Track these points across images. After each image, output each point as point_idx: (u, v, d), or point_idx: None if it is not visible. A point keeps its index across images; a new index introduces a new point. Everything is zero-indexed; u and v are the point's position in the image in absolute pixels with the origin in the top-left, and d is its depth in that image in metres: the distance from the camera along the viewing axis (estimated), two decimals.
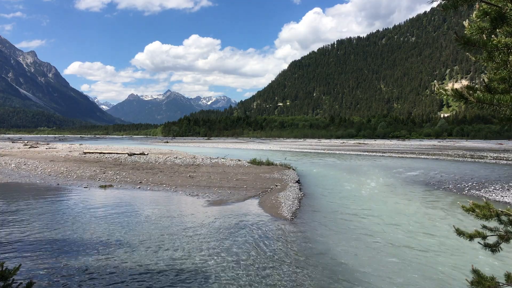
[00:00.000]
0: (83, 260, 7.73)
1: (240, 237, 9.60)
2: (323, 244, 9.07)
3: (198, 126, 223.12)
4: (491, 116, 7.40)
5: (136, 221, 11.19)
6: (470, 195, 16.37)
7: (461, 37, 2.71)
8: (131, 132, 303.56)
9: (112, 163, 26.91)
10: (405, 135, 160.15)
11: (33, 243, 8.84)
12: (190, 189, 16.95)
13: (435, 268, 7.48)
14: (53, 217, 11.46)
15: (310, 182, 20.45)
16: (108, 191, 16.60)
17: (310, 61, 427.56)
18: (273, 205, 13.52)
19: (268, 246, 8.88)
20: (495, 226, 3.43)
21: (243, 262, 7.72)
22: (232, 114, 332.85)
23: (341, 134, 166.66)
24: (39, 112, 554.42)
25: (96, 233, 9.75)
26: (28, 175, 21.28)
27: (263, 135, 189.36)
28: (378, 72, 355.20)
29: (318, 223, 11.23)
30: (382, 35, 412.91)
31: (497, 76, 3.01)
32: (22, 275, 6.74)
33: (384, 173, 24.70)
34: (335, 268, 7.50)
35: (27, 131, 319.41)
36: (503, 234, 3.38)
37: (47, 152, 37.87)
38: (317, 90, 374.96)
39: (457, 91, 2.75)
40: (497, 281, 3.19)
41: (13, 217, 11.33)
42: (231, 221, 11.19)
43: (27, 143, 65.27)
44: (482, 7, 2.72)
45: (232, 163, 27.20)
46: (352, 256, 8.18)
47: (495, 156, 41.30)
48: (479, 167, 28.95)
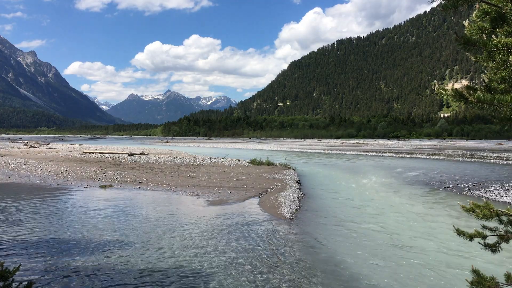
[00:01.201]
0: (83, 260, 7.73)
1: (240, 237, 9.60)
2: (323, 244, 9.08)
3: (198, 126, 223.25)
4: (491, 116, 7.44)
5: (136, 221, 11.19)
6: (470, 195, 16.37)
7: (461, 37, 2.71)
8: (131, 132, 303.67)
9: (112, 163, 26.91)
10: (405, 135, 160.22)
11: (33, 243, 8.84)
12: (190, 189, 16.95)
13: (435, 268, 7.48)
14: (53, 217, 11.46)
15: (310, 182, 20.45)
16: (108, 191, 16.60)
17: (310, 61, 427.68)
18: (273, 205, 13.52)
19: (268, 246, 8.88)
20: (495, 226, 3.43)
21: (243, 262, 7.72)
22: (232, 114, 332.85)
23: (341, 134, 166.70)
24: (39, 112, 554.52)
25: (96, 233, 9.75)
26: (28, 175, 21.28)
27: (263, 135, 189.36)
28: (378, 72, 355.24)
29: (318, 223, 11.24)
30: (382, 35, 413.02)
31: (497, 76, 3.01)
32: (22, 275, 6.74)
33: (384, 173, 24.70)
34: (335, 268, 7.51)
35: (27, 131, 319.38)
36: (503, 234, 3.38)
37: (47, 152, 37.87)
38: (317, 90, 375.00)
39: (457, 91, 2.74)
40: (497, 281, 3.19)
41: (13, 217, 11.33)
42: (231, 221, 11.19)
43: (27, 143, 65.29)
44: (482, 7, 2.72)
45: (232, 163, 27.21)
46: (352, 256, 8.18)
47: (495, 156, 41.30)
48: (479, 167, 28.95)
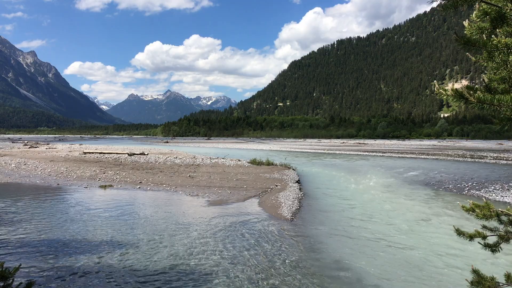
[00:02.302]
0: (83, 260, 7.73)
1: (240, 237, 9.60)
2: (323, 244, 9.07)
3: (198, 126, 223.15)
4: (491, 116, 7.43)
5: (136, 221, 11.19)
6: (470, 195, 16.37)
7: (461, 37, 2.71)
8: (131, 132, 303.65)
9: (112, 163, 26.90)
10: (405, 135, 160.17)
11: (33, 243, 8.84)
12: (190, 189, 16.95)
13: (436, 268, 7.48)
14: (53, 217, 11.46)
15: (310, 182, 20.45)
16: (108, 191, 16.60)
17: (310, 61, 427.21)
18: (273, 205, 13.51)
19: (268, 246, 8.88)
20: (495, 226, 3.43)
21: (243, 262, 7.72)
22: (232, 114, 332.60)
23: (341, 134, 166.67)
24: (39, 112, 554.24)
25: (96, 233, 9.75)
26: (28, 175, 21.28)
27: (263, 135, 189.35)
28: (378, 72, 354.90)
29: (318, 223, 11.23)
30: (382, 35, 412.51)
31: (497, 76, 3.01)
32: (22, 275, 6.74)
33: (384, 173, 24.70)
34: (335, 268, 7.51)
35: (27, 131, 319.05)
36: (503, 234, 3.38)
37: (47, 152, 37.87)
38: (317, 90, 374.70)
39: (457, 91, 2.74)
40: (497, 281, 3.19)
41: (13, 217, 11.33)
42: (231, 221, 11.19)
43: (27, 143, 65.28)
44: (482, 7, 2.72)
45: (232, 163, 27.20)
46: (352, 256, 8.18)
47: (495, 156, 41.30)
48: (479, 167, 28.94)
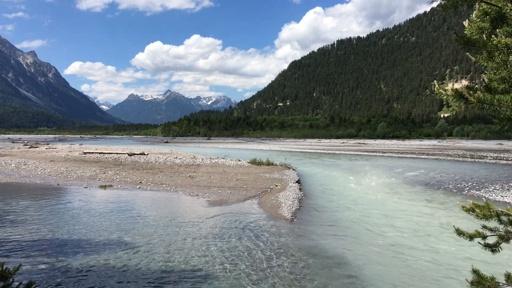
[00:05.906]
0: (83, 260, 7.73)
1: (240, 237, 9.59)
2: (323, 244, 9.07)
3: (198, 126, 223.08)
4: (491, 116, 7.43)
5: (136, 221, 11.19)
6: (470, 195, 16.37)
7: (461, 37, 2.71)
8: (131, 132, 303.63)
9: (112, 163, 26.90)
10: (405, 135, 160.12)
11: (33, 243, 8.84)
12: (190, 189, 16.95)
13: (436, 268, 7.48)
14: (53, 217, 11.46)
15: (310, 182, 20.45)
16: (108, 191, 16.60)
17: (310, 61, 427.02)
18: (273, 205, 13.51)
19: (268, 246, 8.87)
20: (495, 226, 3.43)
21: (243, 262, 7.72)
22: (232, 114, 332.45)
23: (341, 134, 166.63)
24: (39, 112, 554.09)
25: (96, 233, 9.75)
26: (28, 175, 21.28)
27: (263, 135, 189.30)
28: (378, 72, 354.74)
29: (318, 223, 11.23)
30: (382, 35, 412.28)
31: (497, 76, 3.01)
32: (22, 275, 6.74)
33: (384, 173, 24.70)
34: (335, 268, 7.50)
35: (27, 131, 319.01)
36: (503, 234, 3.38)
37: (47, 152, 37.87)
38: (317, 90, 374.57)
39: (457, 91, 2.74)
40: (497, 281, 3.19)
41: (13, 217, 11.33)
42: (231, 221, 11.19)
43: (27, 143, 65.30)
44: (482, 7, 2.72)
45: (232, 163, 27.20)
46: (352, 257, 8.18)
47: (495, 156, 41.30)
48: (479, 167, 28.94)
